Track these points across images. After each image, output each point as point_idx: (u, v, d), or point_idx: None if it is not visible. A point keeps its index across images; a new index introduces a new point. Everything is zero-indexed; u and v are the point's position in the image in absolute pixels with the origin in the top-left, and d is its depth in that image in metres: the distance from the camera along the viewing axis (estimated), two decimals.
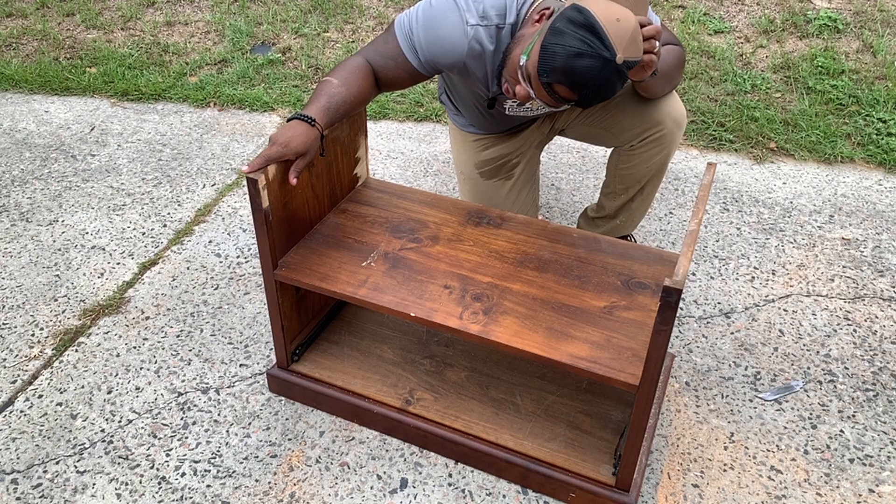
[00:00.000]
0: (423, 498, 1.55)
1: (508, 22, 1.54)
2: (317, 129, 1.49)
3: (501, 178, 2.00)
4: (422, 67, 1.61)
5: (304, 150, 1.47)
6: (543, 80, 1.40)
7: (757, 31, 3.43)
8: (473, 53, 1.57)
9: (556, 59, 1.36)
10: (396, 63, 1.60)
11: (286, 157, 1.45)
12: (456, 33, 1.55)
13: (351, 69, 1.58)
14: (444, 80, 1.94)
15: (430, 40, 1.57)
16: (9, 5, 3.81)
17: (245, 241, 2.28)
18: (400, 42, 1.59)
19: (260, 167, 1.42)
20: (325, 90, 1.53)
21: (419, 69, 1.61)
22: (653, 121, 1.80)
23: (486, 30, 1.54)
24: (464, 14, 1.54)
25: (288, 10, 3.70)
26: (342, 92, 1.54)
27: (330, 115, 1.51)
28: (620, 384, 1.32)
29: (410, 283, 1.51)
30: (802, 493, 1.57)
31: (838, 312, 2.02)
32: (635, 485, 1.47)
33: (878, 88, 2.97)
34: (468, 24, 1.54)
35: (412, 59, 1.59)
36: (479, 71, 1.62)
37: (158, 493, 1.56)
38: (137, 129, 2.88)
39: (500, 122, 1.89)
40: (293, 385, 1.72)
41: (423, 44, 1.57)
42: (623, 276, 1.54)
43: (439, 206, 1.74)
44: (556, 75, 1.38)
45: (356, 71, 1.58)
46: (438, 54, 1.58)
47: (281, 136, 1.45)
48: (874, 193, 2.51)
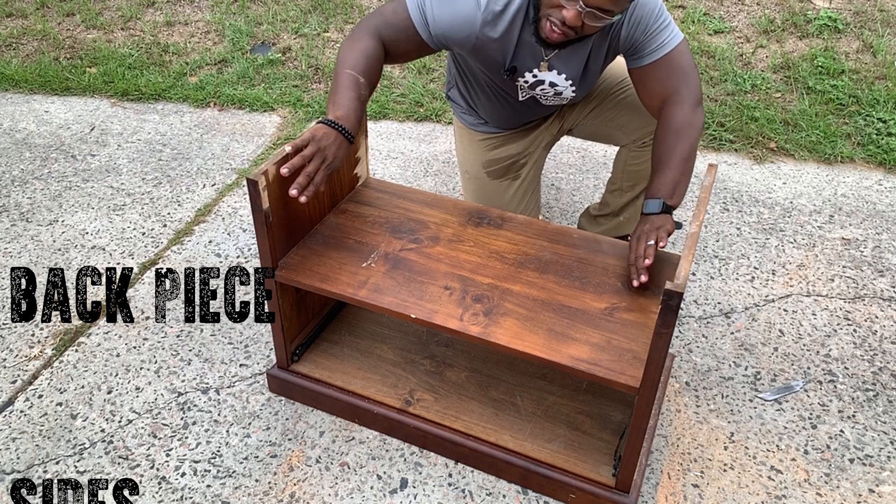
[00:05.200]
0: (423, 498, 1.55)
1: None
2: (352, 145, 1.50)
3: (509, 178, 1.99)
4: (431, 42, 1.59)
5: (341, 166, 1.49)
6: None
7: (757, 31, 3.43)
8: (486, 26, 1.56)
9: None
10: (407, 36, 1.57)
11: (330, 172, 1.45)
12: (470, 5, 1.54)
13: (371, 57, 1.54)
14: (456, 71, 1.90)
15: (443, 13, 1.54)
16: (9, 5, 3.81)
17: (245, 241, 2.28)
18: (411, 14, 1.56)
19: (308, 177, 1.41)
20: (355, 91, 1.50)
21: (429, 43, 1.59)
22: None
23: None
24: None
25: (288, 10, 3.70)
26: (367, 93, 1.53)
27: (360, 123, 1.51)
28: (621, 386, 1.32)
29: (411, 284, 1.51)
30: (802, 493, 1.57)
31: (838, 312, 2.02)
32: (635, 486, 1.47)
33: (878, 88, 2.97)
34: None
35: (423, 32, 1.57)
36: (493, 43, 1.59)
37: (158, 493, 1.56)
38: (137, 129, 2.88)
39: (515, 113, 1.87)
40: (293, 385, 1.72)
41: (437, 16, 1.55)
42: (624, 278, 1.54)
43: (439, 206, 1.74)
44: None
45: (376, 59, 1.55)
46: (451, 29, 1.56)
47: (329, 152, 1.44)
48: (874, 193, 2.51)
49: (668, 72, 1.61)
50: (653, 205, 1.52)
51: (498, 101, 1.84)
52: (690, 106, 1.59)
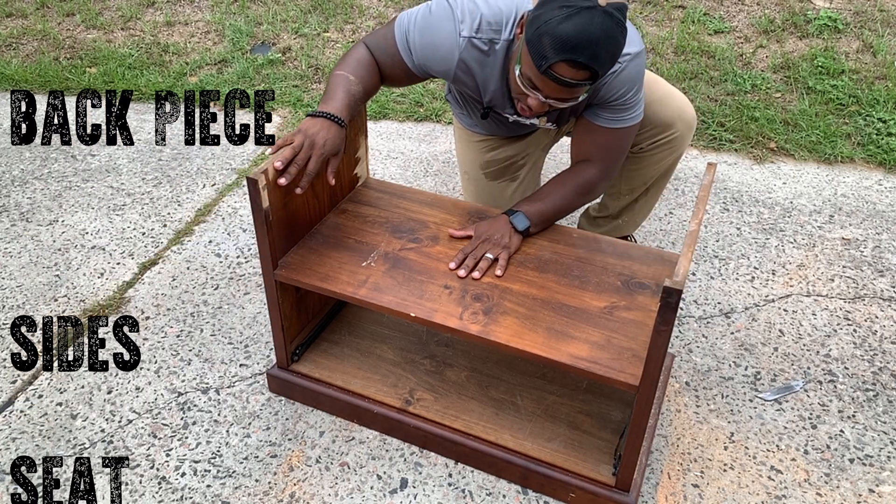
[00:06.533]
0: (423, 498, 1.55)
1: (504, 38, 1.53)
2: (345, 129, 1.50)
3: (506, 179, 1.99)
4: (416, 69, 1.61)
5: (338, 151, 1.49)
6: (543, 70, 1.35)
7: (757, 31, 3.43)
8: (462, 66, 1.58)
9: (542, 40, 1.33)
10: (393, 61, 1.60)
11: (325, 157, 1.46)
12: (448, 43, 1.55)
13: (362, 63, 1.58)
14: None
15: (423, 45, 1.57)
16: (9, 5, 3.81)
17: (245, 241, 2.28)
18: (397, 40, 1.59)
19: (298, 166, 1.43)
20: (344, 86, 1.53)
21: (414, 70, 1.61)
22: (664, 124, 1.79)
23: (479, 42, 1.54)
24: (458, 25, 1.53)
25: (288, 10, 3.70)
26: (359, 90, 1.54)
27: (350, 112, 1.52)
28: (620, 385, 1.32)
29: (410, 284, 1.51)
30: (802, 493, 1.57)
31: (838, 312, 2.02)
32: (635, 485, 1.47)
33: (878, 88, 2.97)
34: (461, 36, 1.53)
35: (407, 59, 1.59)
36: (470, 81, 1.62)
37: (158, 493, 1.56)
38: (137, 129, 2.88)
39: (506, 128, 1.89)
40: (293, 385, 1.72)
41: (418, 48, 1.58)
42: (623, 277, 1.54)
43: (439, 206, 1.74)
44: (551, 54, 1.32)
45: (367, 66, 1.58)
46: (430, 60, 1.58)
47: (318, 137, 1.45)
48: (874, 193, 2.51)
49: (608, 141, 1.65)
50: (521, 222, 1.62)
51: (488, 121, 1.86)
52: (602, 178, 1.69)
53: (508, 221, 1.62)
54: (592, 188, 1.69)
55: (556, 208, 1.66)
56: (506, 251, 1.57)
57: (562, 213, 1.67)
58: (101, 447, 1.66)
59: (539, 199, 1.66)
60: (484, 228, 1.62)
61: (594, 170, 1.67)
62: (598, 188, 1.70)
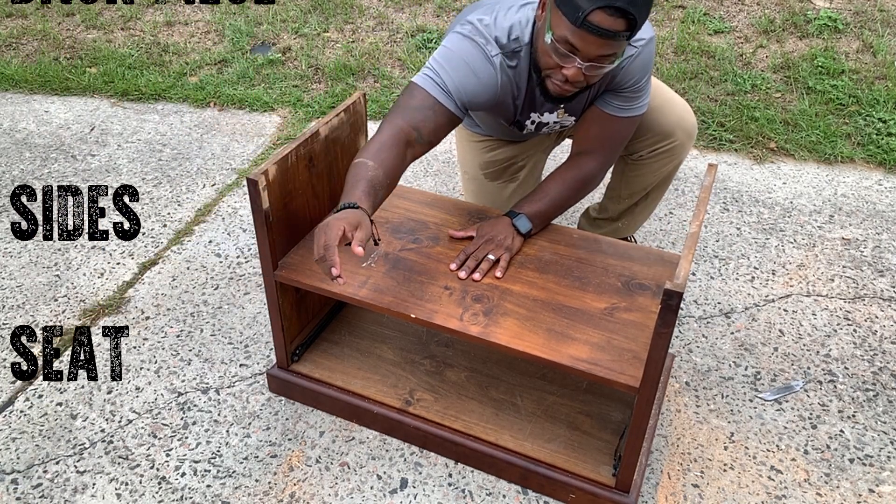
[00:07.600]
0: (423, 498, 1.55)
1: (524, 43, 1.52)
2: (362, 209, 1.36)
3: (506, 179, 1.99)
4: (458, 110, 1.53)
5: (357, 221, 1.32)
6: (580, 23, 1.30)
7: (757, 31, 3.43)
8: (505, 86, 1.55)
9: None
10: (434, 114, 1.50)
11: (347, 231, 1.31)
12: (486, 69, 1.51)
13: (380, 145, 1.46)
14: None
15: (462, 79, 1.50)
16: (9, 5, 3.81)
17: (245, 241, 2.28)
18: (430, 91, 1.50)
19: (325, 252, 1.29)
20: (362, 174, 1.41)
21: (456, 113, 1.53)
22: (664, 133, 1.79)
23: (507, 57, 1.52)
24: (485, 48, 1.50)
25: (288, 10, 3.70)
26: (379, 174, 1.42)
27: (372, 198, 1.39)
28: (621, 386, 1.32)
29: (411, 284, 1.51)
30: (802, 493, 1.57)
31: (838, 312, 2.02)
32: (635, 485, 1.47)
33: (878, 88, 2.97)
34: (492, 56, 1.51)
35: (447, 103, 1.50)
36: (509, 97, 1.59)
37: (158, 493, 1.56)
38: (137, 129, 2.88)
39: (516, 137, 1.89)
40: (293, 385, 1.72)
41: (457, 84, 1.50)
42: (623, 278, 1.54)
43: (439, 206, 1.74)
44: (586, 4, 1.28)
45: (385, 146, 1.46)
46: (474, 92, 1.52)
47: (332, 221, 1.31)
48: (874, 193, 2.51)
49: (613, 131, 1.65)
50: (523, 224, 1.63)
51: (502, 131, 1.86)
52: (600, 171, 1.70)
53: (511, 223, 1.62)
54: (591, 181, 1.70)
55: (556, 207, 1.67)
56: (507, 253, 1.57)
57: (561, 211, 1.69)
58: (101, 447, 1.66)
59: (540, 199, 1.66)
60: (486, 230, 1.62)
61: (593, 163, 1.68)
62: (595, 181, 1.71)
